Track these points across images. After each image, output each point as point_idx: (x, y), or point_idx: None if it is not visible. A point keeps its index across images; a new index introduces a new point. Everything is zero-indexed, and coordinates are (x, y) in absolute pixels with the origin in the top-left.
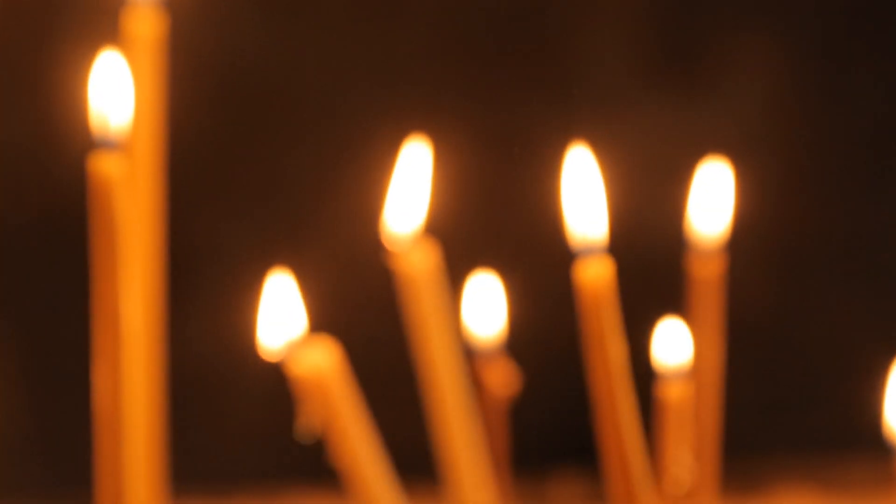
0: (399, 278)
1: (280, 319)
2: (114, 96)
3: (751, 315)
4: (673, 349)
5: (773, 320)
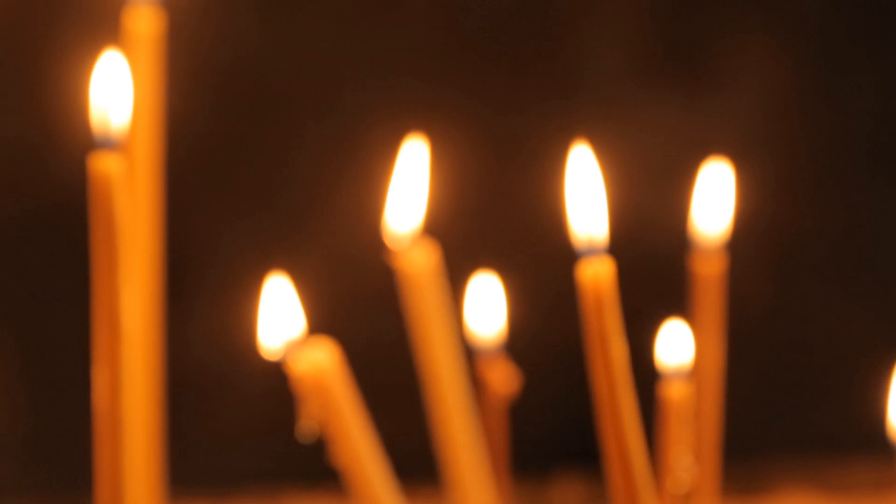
0: (399, 276)
1: (279, 319)
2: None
3: (752, 316)
4: (674, 349)
5: (774, 321)
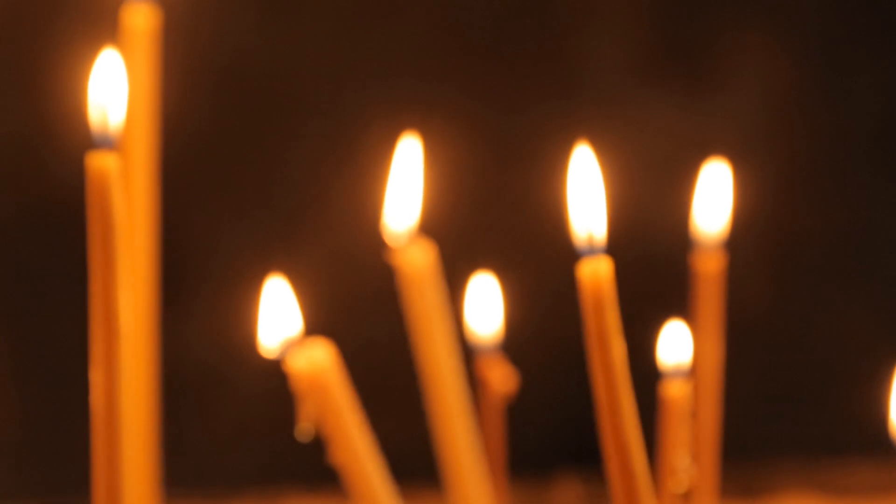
0: (398, 275)
1: (278, 319)
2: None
3: (752, 317)
4: (674, 348)
5: (774, 322)
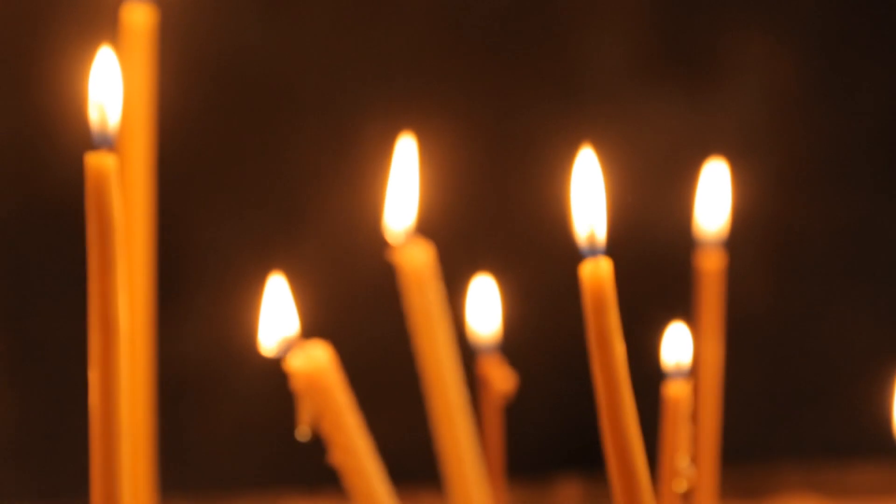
0: (397, 273)
1: (277, 318)
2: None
3: (752, 316)
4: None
5: (774, 322)
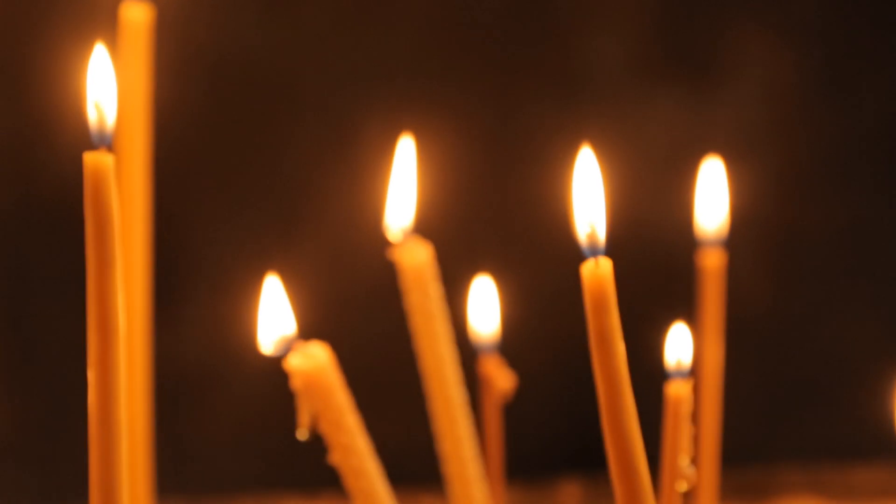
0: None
1: (275, 318)
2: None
3: (752, 317)
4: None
5: (774, 322)
